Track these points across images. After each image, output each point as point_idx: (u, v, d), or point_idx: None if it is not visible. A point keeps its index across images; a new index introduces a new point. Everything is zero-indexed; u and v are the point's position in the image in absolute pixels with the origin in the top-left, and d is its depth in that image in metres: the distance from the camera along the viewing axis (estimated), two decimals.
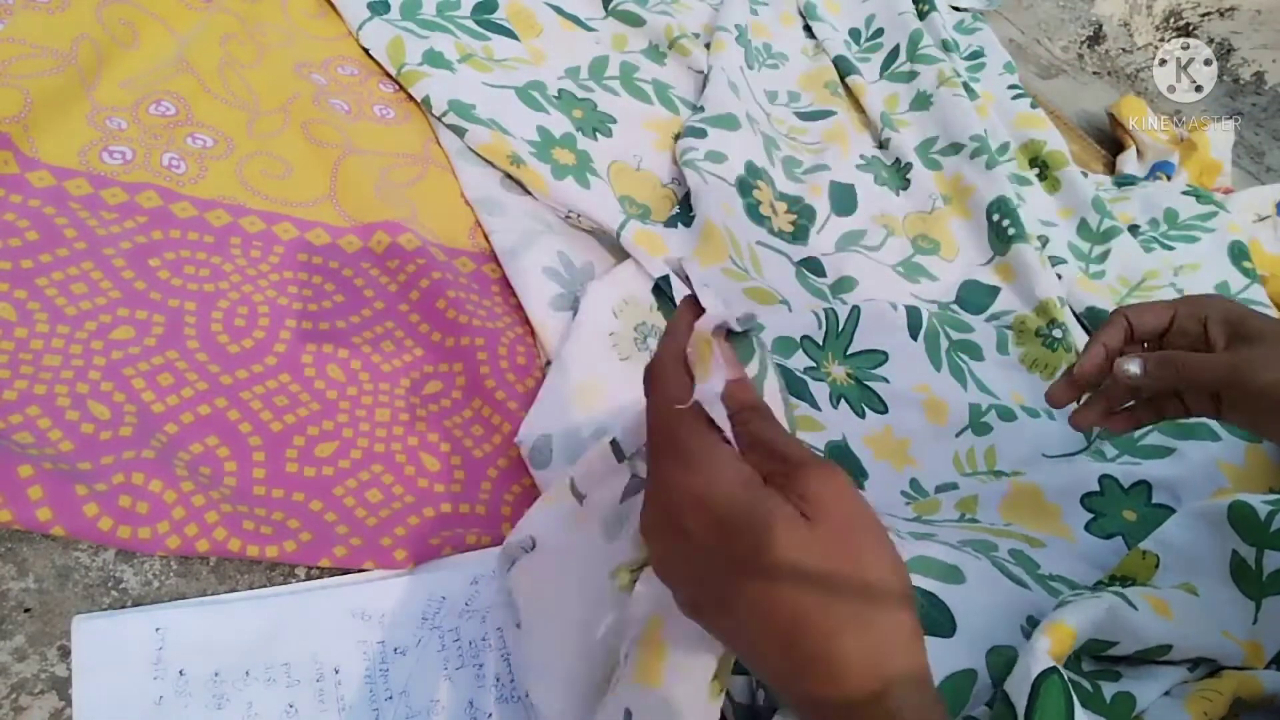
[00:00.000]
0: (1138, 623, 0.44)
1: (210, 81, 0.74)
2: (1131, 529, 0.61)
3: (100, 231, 0.61)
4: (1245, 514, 0.50)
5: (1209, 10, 1.53)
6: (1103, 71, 1.43)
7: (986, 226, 0.92)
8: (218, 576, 0.52)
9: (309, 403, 0.60)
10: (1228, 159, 1.13)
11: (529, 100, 0.84)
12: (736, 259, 0.77)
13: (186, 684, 0.47)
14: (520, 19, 0.93)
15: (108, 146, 0.65)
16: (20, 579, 0.48)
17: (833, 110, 1.02)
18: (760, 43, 1.08)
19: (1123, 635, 0.44)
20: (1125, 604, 0.44)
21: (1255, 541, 0.50)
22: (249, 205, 0.68)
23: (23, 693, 0.45)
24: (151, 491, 0.50)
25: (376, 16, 0.85)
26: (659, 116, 0.91)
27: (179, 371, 0.57)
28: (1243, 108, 1.47)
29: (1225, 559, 0.50)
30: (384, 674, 0.50)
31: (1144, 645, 0.44)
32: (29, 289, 0.56)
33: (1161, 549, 0.51)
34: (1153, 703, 0.44)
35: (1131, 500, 0.63)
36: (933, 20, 1.13)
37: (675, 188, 0.85)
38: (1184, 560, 0.51)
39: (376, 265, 0.69)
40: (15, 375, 0.53)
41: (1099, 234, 0.96)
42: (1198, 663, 0.47)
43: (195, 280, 0.62)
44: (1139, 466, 0.65)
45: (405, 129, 0.79)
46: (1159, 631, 0.44)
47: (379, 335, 0.65)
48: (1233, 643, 0.47)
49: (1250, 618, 0.49)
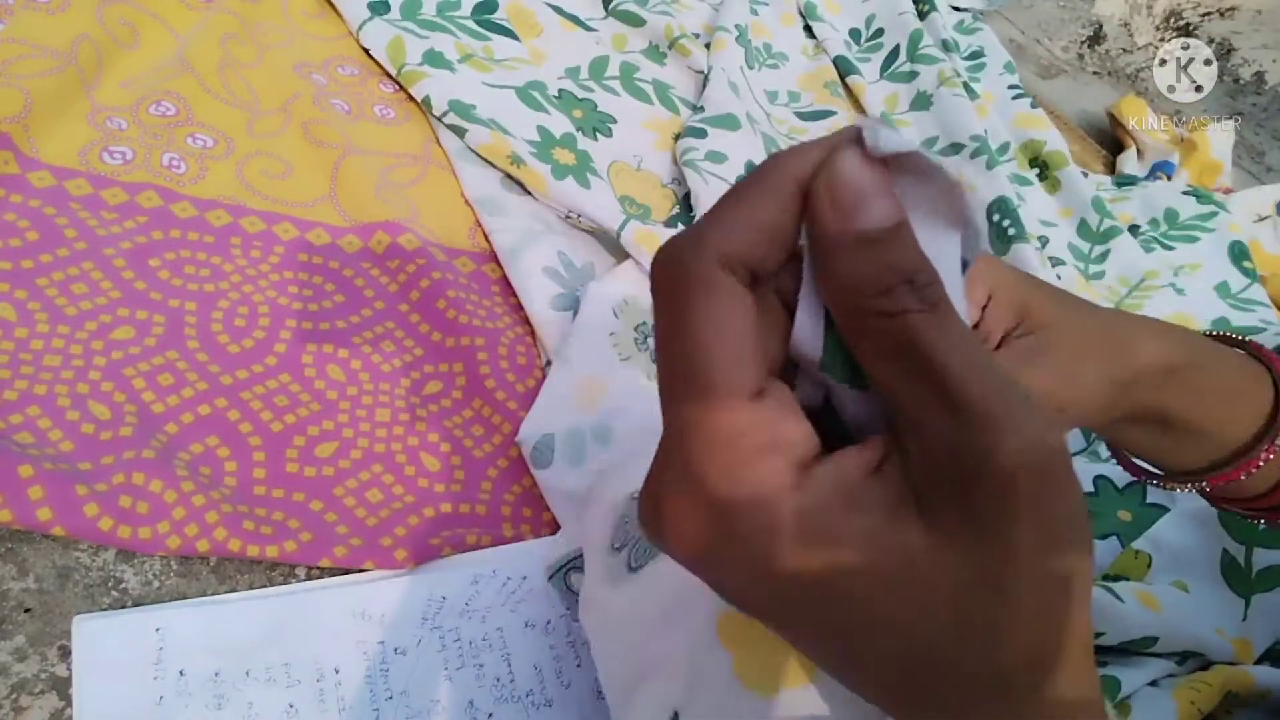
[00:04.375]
0: (1124, 614, 0.45)
1: (210, 81, 0.74)
2: (1126, 529, 0.61)
3: (100, 231, 0.61)
4: (1235, 513, 0.50)
5: (1209, 10, 1.53)
6: (1103, 71, 1.43)
7: (987, 227, 0.92)
8: (218, 576, 0.52)
9: (309, 403, 0.60)
10: (1228, 159, 1.14)
11: (529, 100, 0.84)
12: None
13: (186, 684, 0.47)
14: (520, 19, 0.94)
15: (108, 146, 0.65)
16: (20, 579, 0.48)
17: (833, 110, 1.02)
18: (760, 43, 1.08)
19: (1108, 626, 0.44)
20: (1112, 597, 0.45)
21: (1245, 540, 0.50)
22: (249, 205, 0.68)
23: (23, 693, 0.45)
24: (152, 491, 0.50)
25: (377, 16, 0.85)
26: (659, 116, 0.91)
27: (179, 371, 0.57)
28: (1243, 108, 1.47)
29: (1215, 557, 0.50)
30: (384, 674, 0.51)
31: (1130, 636, 0.45)
32: (29, 289, 0.57)
33: (1153, 548, 0.52)
34: (1139, 691, 0.44)
35: (1126, 500, 0.63)
36: (933, 20, 1.13)
37: (675, 188, 0.85)
38: (1175, 559, 0.51)
39: (377, 265, 0.69)
40: (15, 375, 0.53)
41: (1099, 234, 0.96)
42: (1186, 657, 0.47)
43: (195, 280, 0.62)
44: None
45: (405, 129, 0.80)
46: (1145, 623, 0.45)
47: (379, 335, 0.65)
48: (1221, 638, 0.47)
49: (1240, 615, 0.49)
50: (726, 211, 0.19)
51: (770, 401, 0.19)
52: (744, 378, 0.19)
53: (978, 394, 0.17)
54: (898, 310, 0.17)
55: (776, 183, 0.18)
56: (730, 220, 0.19)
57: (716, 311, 0.18)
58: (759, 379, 0.19)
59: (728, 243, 0.18)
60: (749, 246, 0.19)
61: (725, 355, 0.19)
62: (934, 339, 0.18)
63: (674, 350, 0.19)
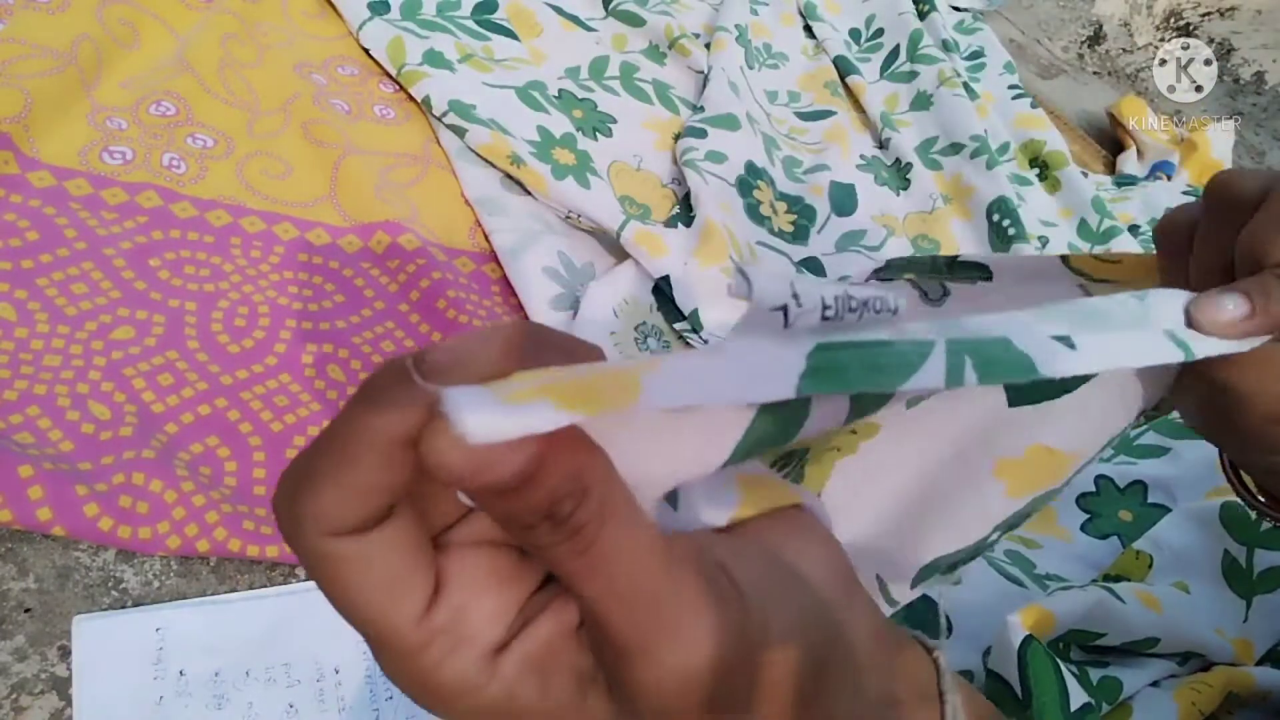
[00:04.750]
0: (1126, 615, 0.45)
1: (210, 81, 0.74)
2: (1127, 529, 0.61)
3: (100, 231, 0.61)
4: (1237, 514, 0.50)
5: (1209, 10, 1.53)
6: (1103, 71, 1.43)
7: (987, 226, 0.92)
8: (218, 576, 0.52)
9: (309, 403, 0.60)
10: (1228, 159, 1.14)
11: (529, 100, 0.84)
12: (737, 259, 0.77)
13: (186, 684, 0.47)
14: (520, 19, 0.94)
15: (108, 146, 0.65)
16: (20, 579, 0.48)
17: (833, 110, 1.02)
18: (760, 43, 1.08)
19: (1110, 627, 0.44)
20: (1113, 597, 0.45)
21: (1246, 541, 0.50)
22: (249, 205, 0.68)
23: (23, 693, 0.45)
24: (152, 491, 0.50)
25: (377, 16, 0.85)
26: (659, 116, 0.91)
27: (179, 371, 0.57)
28: (1243, 108, 1.47)
29: (1217, 558, 0.50)
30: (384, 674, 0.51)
31: (1132, 637, 0.45)
32: (29, 289, 0.57)
33: (1155, 549, 0.52)
34: (1140, 691, 0.44)
35: (1127, 500, 0.63)
36: (933, 20, 1.13)
37: (675, 188, 0.85)
38: (1177, 560, 0.51)
39: (377, 265, 0.69)
40: (15, 375, 0.53)
41: (1099, 234, 0.96)
42: (1187, 658, 0.47)
43: (195, 280, 0.62)
44: (1135, 466, 0.65)
45: (405, 129, 0.80)
46: (1147, 624, 0.45)
47: (379, 335, 0.65)
48: (1222, 639, 0.47)
49: (1241, 616, 0.49)
50: (318, 478, 0.17)
51: (444, 607, 0.19)
52: (403, 614, 0.18)
53: (616, 624, 0.18)
54: (542, 544, 0.17)
55: (370, 446, 0.17)
56: (324, 489, 0.17)
57: (346, 576, 0.18)
58: (423, 600, 0.19)
59: (328, 518, 0.17)
60: (357, 508, 0.17)
61: (376, 608, 0.18)
62: (575, 568, 0.17)
63: (337, 608, 0.19)
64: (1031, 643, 0.40)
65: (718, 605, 0.19)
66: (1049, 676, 0.38)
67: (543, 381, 0.15)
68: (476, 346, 0.16)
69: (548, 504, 0.17)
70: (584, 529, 0.17)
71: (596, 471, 0.17)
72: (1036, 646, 0.39)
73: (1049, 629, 0.43)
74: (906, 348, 0.19)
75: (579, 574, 0.18)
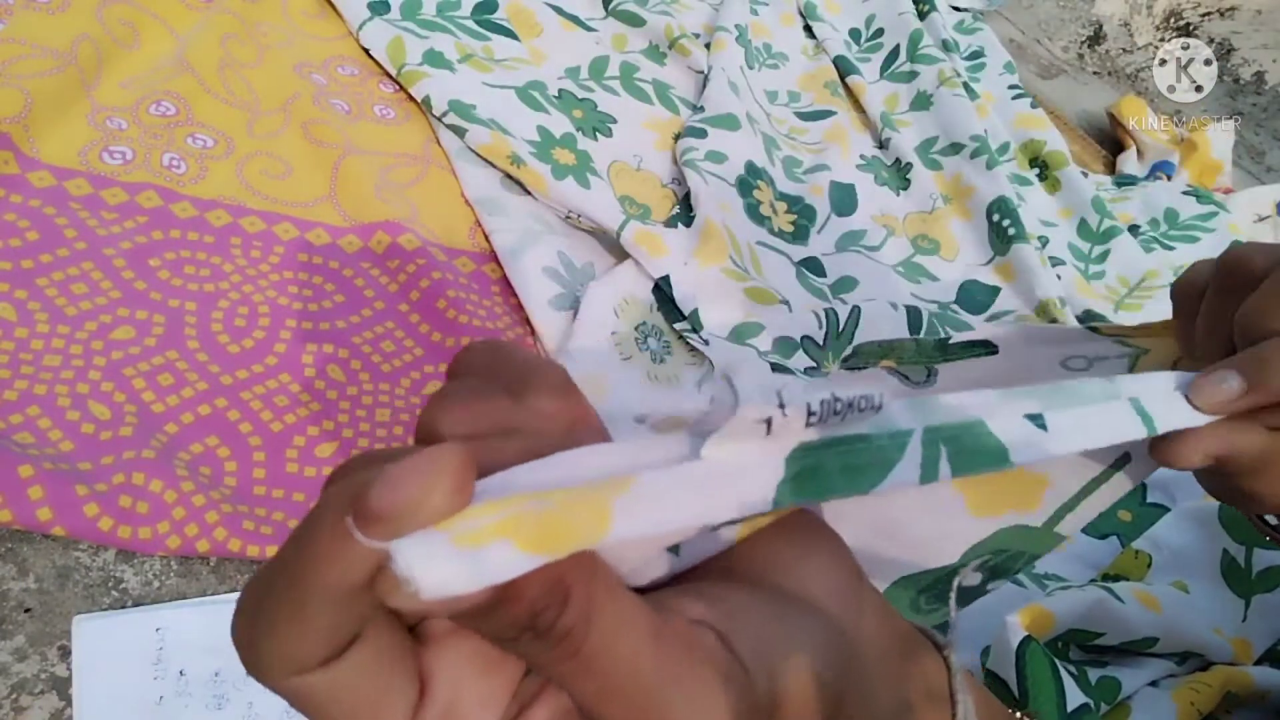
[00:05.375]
0: (1124, 615, 0.45)
1: (210, 81, 0.74)
2: (1127, 529, 0.61)
3: (100, 231, 0.61)
4: (1235, 514, 0.50)
5: (1209, 10, 1.53)
6: (1103, 71, 1.43)
7: (987, 226, 0.92)
8: (218, 576, 0.52)
9: (309, 403, 0.60)
10: (1228, 159, 1.14)
11: (529, 100, 0.84)
12: (737, 259, 0.77)
13: (186, 684, 0.47)
14: (520, 19, 0.94)
15: (108, 146, 0.65)
16: (20, 579, 0.48)
17: (833, 110, 1.02)
18: (760, 43, 1.08)
19: (1109, 626, 0.44)
20: (1112, 597, 0.45)
21: (1245, 540, 0.50)
22: (249, 205, 0.68)
23: (23, 693, 0.45)
24: (152, 491, 0.50)
25: (376, 16, 0.86)
26: (659, 116, 0.91)
27: (179, 371, 0.57)
28: (1243, 108, 1.47)
29: (1216, 558, 0.51)
30: None
31: (1131, 637, 0.45)
32: (29, 289, 0.57)
33: (1154, 548, 0.52)
34: (1139, 691, 0.44)
35: (1126, 500, 0.63)
36: (933, 20, 1.13)
37: (675, 188, 0.85)
38: (1176, 559, 0.51)
39: (376, 265, 0.69)
40: (15, 375, 0.53)
41: (1099, 234, 0.96)
42: (1186, 658, 0.47)
43: (195, 280, 0.62)
44: None
45: (405, 129, 0.80)
46: (1146, 623, 0.45)
47: (379, 335, 0.65)
48: (1221, 639, 0.47)
49: (1240, 615, 0.49)
50: (276, 620, 0.16)
51: (432, 708, 0.18)
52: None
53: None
54: (526, 654, 0.17)
55: (319, 595, 0.16)
56: (282, 631, 0.16)
57: (325, 707, 0.17)
58: (408, 708, 0.18)
59: (291, 659, 0.17)
60: (319, 646, 0.17)
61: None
62: (564, 672, 0.17)
63: None
64: (1030, 643, 0.40)
65: (720, 687, 0.18)
66: (1046, 677, 0.39)
67: (503, 515, 0.14)
68: (422, 484, 0.14)
69: (527, 617, 0.16)
70: (570, 635, 0.16)
71: (578, 570, 0.16)
72: (1035, 647, 0.40)
73: (1048, 629, 0.43)
74: (884, 441, 0.18)
75: (569, 677, 0.17)
